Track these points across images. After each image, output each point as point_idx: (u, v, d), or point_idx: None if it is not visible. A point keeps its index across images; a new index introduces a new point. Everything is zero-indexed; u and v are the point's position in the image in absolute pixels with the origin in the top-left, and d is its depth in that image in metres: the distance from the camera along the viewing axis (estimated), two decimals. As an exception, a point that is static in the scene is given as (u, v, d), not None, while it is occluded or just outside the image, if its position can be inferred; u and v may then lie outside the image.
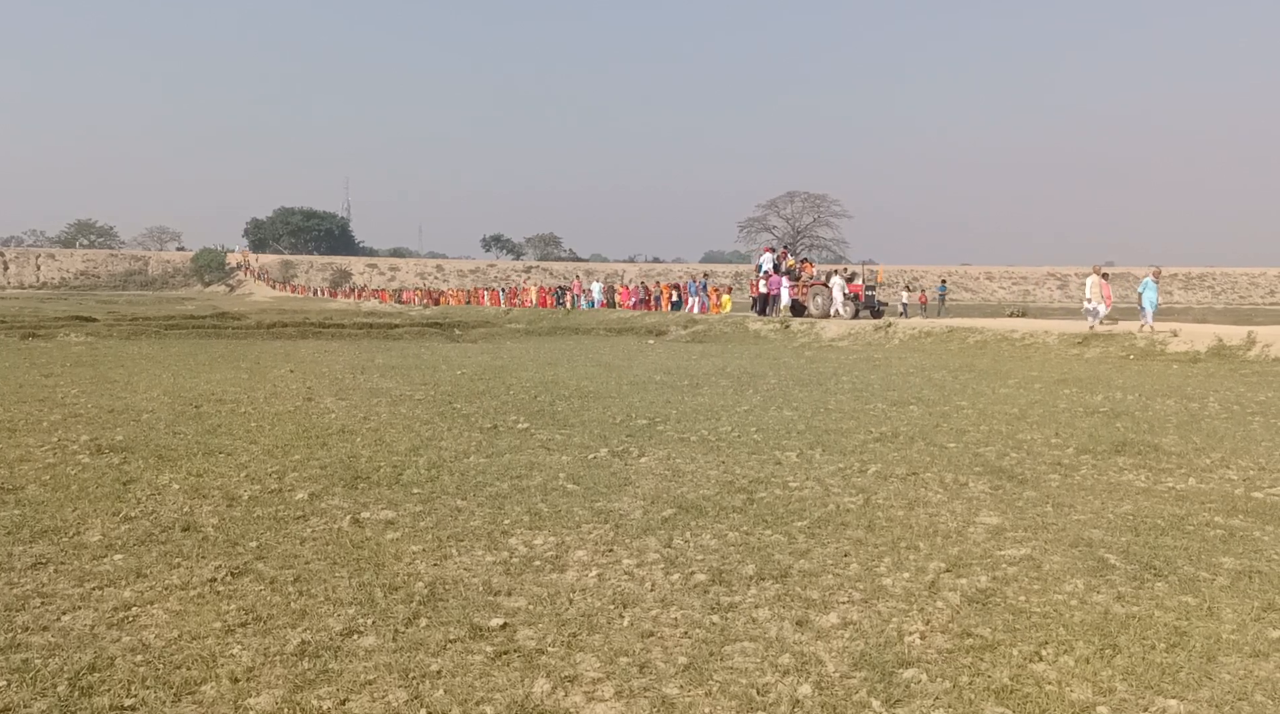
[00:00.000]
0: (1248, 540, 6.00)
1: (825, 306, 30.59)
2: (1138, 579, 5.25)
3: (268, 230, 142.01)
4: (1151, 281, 23.42)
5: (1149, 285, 23.31)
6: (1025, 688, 3.91)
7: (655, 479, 7.69)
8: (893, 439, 9.58)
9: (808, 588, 5.10)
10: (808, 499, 7.03)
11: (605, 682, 3.95)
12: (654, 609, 4.78)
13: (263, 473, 7.77)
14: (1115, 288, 32.64)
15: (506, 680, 3.95)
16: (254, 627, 4.51)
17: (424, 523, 6.31)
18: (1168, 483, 7.66)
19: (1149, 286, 23.29)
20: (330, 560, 5.51)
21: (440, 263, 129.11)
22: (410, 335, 29.27)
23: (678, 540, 5.96)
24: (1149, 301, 23.00)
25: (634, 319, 34.90)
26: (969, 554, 5.70)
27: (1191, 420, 10.92)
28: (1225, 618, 4.68)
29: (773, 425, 10.45)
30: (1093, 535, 6.09)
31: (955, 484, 7.57)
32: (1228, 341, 19.73)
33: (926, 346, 23.32)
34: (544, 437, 9.64)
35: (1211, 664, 4.14)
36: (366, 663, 4.11)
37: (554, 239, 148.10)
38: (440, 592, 4.99)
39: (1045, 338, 22.42)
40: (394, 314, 45.11)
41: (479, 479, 7.60)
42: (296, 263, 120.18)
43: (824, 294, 30.91)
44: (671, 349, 23.99)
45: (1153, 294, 23.22)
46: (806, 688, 3.90)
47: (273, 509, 6.62)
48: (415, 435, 9.63)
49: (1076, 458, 8.66)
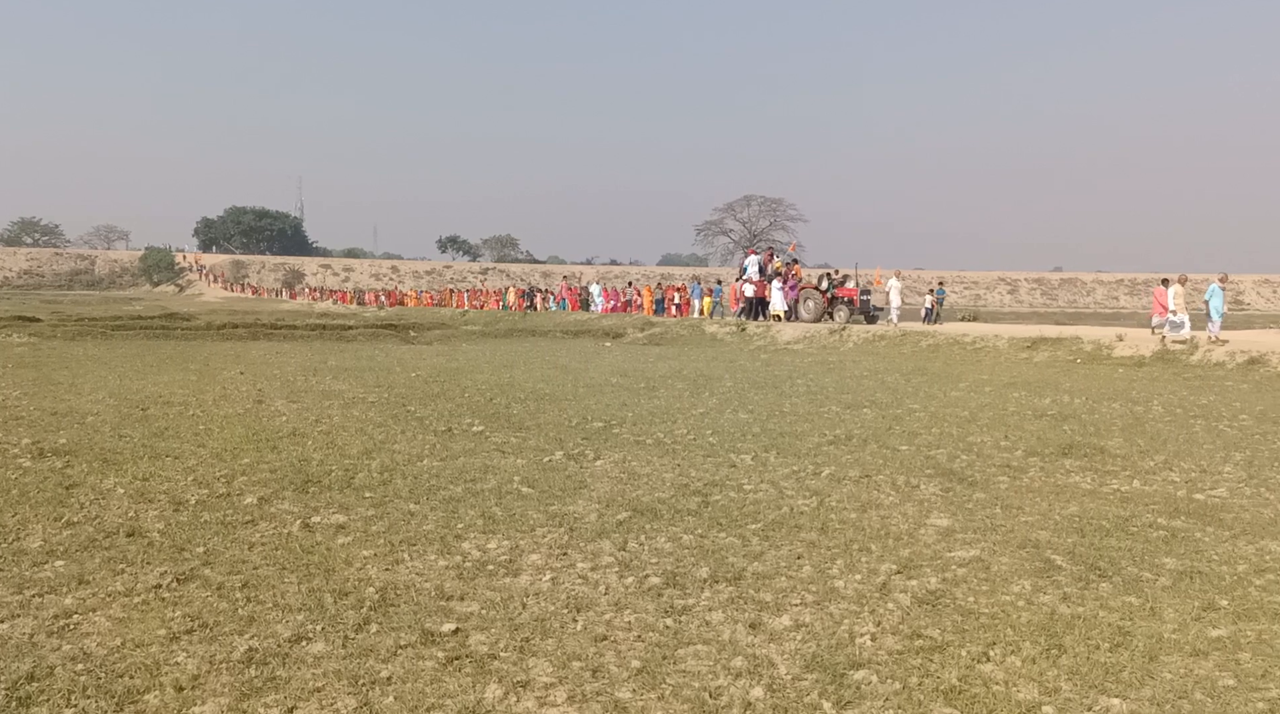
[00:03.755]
0: (1189, 541, 6.15)
1: (817, 311, 29.80)
2: (1083, 580, 5.35)
3: (219, 230, 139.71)
4: (1218, 288, 21.77)
5: (1215, 292, 21.61)
6: (973, 688, 3.96)
7: (610, 482, 7.68)
8: (846, 442, 9.67)
9: (761, 590, 5.13)
10: (762, 502, 7.07)
11: (557, 686, 3.93)
12: (608, 613, 4.77)
13: (211, 477, 7.63)
14: (1064, 293, 32.88)
15: (458, 686, 3.92)
16: (200, 634, 4.43)
17: (376, 527, 6.24)
18: (1113, 485, 7.82)
19: (1215, 293, 21.59)
20: (279, 566, 5.43)
21: (395, 264, 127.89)
22: (364, 337, 28.96)
23: (632, 544, 5.96)
24: (1215, 309, 21.42)
25: (591, 321, 34.85)
26: (920, 556, 5.77)
27: (1136, 423, 11.16)
28: (1167, 618, 4.78)
29: (728, 428, 10.50)
30: (1040, 537, 6.20)
31: (907, 486, 7.66)
32: (1171, 346, 20.20)
33: (880, 350, 23.57)
34: (499, 440, 9.59)
35: (1153, 663, 4.23)
36: (315, 670, 4.05)
37: (511, 241, 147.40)
38: (391, 597, 4.94)
39: (995, 342, 22.78)
40: (348, 316, 44.59)
41: (432, 483, 7.54)
42: (248, 263, 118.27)
43: (815, 298, 30.19)
44: (629, 352, 24.00)
45: (1219, 301, 21.59)
46: (759, 690, 3.91)
47: (221, 514, 6.51)
48: (368, 438, 9.53)
49: (1025, 460, 8.80)
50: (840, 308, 29.86)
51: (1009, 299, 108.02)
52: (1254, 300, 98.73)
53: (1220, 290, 21.63)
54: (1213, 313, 21.35)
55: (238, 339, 26.70)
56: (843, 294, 30.34)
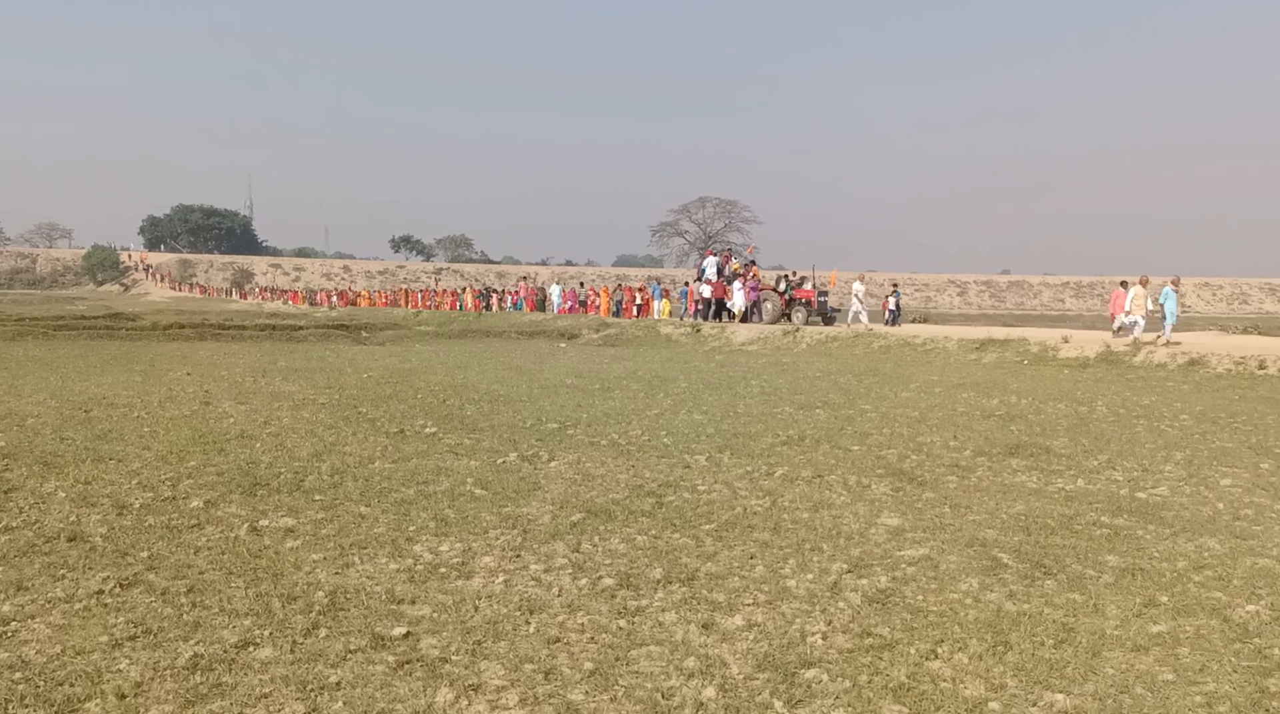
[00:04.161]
0: (1131, 539, 6.29)
1: (775, 313, 29.83)
2: (1029, 578, 5.44)
3: (165, 228, 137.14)
4: (1171, 291, 21.73)
5: (1169, 295, 21.61)
6: (921, 685, 4.01)
7: (565, 483, 7.67)
8: (799, 442, 9.75)
9: (714, 591, 5.15)
10: (716, 502, 7.10)
11: (509, 689, 3.91)
12: (561, 615, 4.76)
13: (156, 480, 7.48)
14: (1012, 295, 33.22)
15: (408, 691, 3.88)
16: (143, 640, 4.34)
17: (325, 530, 6.16)
18: (1058, 484, 7.97)
19: (1169, 296, 21.58)
20: (226, 570, 5.34)
21: (348, 264, 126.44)
22: (315, 337, 28.58)
23: (586, 545, 5.95)
24: (1170, 312, 21.44)
25: (546, 322, 34.75)
26: (870, 555, 5.83)
27: (1081, 424, 11.39)
28: (1109, 614, 4.89)
29: (683, 429, 10.53)
30: (987, 535, 6.30)
31: (858, 486, 7.74)
32: (1115, 348, 20.65)
33: (833, 351, 23.80)
34: (452, 441, 9.52)
35: (1096, 659, 4.32)
36: (262, 675, 3.99)
37: (465, 241, 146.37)
38: (341, 601, 4.88)
39: (945, 343, 23.12)
40: (299, 316, 43.98)
41: (384, 485, 7.46)
42: (196, 262, 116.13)
43: (773, 300, 30.20)
44: (584, 353, 23.96)
45: (1172, 304, 21.59)
46: (711, 690, 3.93)
47: (166, 518, 6.39)
48: (318, 440, 9.40)
49: (973, 460, 8.94)
50: (798, 309, 29.98)
51: (958, 301, 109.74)
52: (1194, 303, 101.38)
53: (1174, 293, 21.82)
54: (1167, 315, 21.55)
55: (185, 339, 26.20)
56: (800, 296, 30.47)
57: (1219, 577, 5.51)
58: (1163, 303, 21.66)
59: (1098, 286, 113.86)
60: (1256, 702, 3.91)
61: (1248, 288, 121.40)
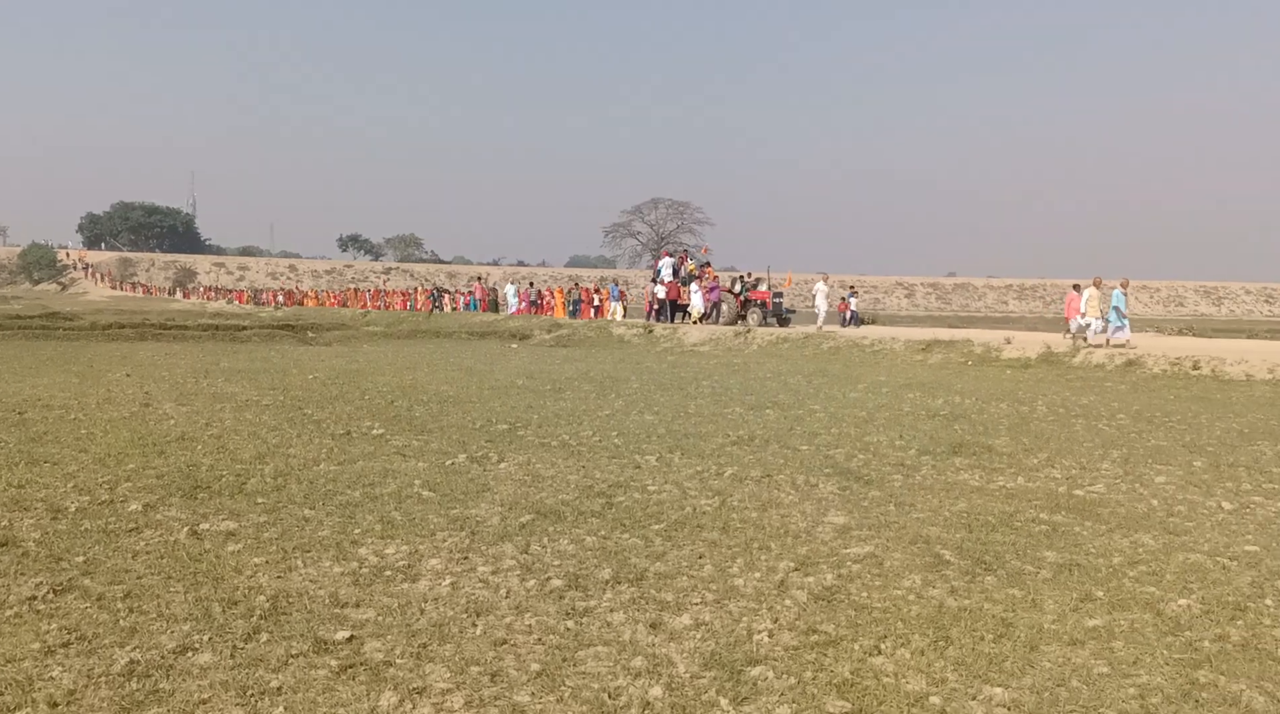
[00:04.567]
0: (1069, 535, 6.43)
1: (731, 314, 29.95)
2: (970, 574, 5.54)
3: (105, 226, 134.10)
4: (1121, 293, 22.07)
5: (1119, 297, 21.95)
6: (865, 681, 4.06)
7: (514, 485, 7.63)
8: (749, 442, 9.81)
9: (662, 590, 5.16)
10: (665, 502, 7.12)
11: (455, 692, 3.88)
12: (508, 616, 4.74)
13: (93, 483, 7.31)
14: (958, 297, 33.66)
15: (351, 695, 3.83)
16: (77, 646, 4.23)
17: (268, 534, 6.06)
18: (999, 482, 8.12)
19: (1119, 298, 21.94)
20: (165, 575, 5.23)
21: (294, 263, 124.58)
22: (260, 338, 28.10)
23: (535, 546, 5.93)
24: (1120, 314, 21.83)
25: (498, 323, 34.55)
26: (817, 553, 5.89)
27: (1022, 423, 11.62)
28: (1047, 609, 4.99)
29: (633, 429, 10.54)
30: (930, 533, 6.40)
31: (806, 485, 7.81)
32: (1055, 349, 21.11)
33: (783, 352, 24.00)
34: (400, 443, 9.43)
35: (1034, 653, 4.41)
36: (201, 681, 3.91)
37: (415, 240, 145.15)
38: (283, 605, 4.80)
39: (892, 345, 23.43)
40: (243, 315, 43.22)
41: (329, 487, 7.37)
42: (137, 261, 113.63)
43: (729, 301, 30.36)
44: (535, 353, 23.87)
45: (1122, 306, 21.95)
46: (657, 690, 3.94)
47: (103, 521, 6.24)
48: (261, 442, 9.25)
49: (918, 459, 9.08)
50: (753, 310, 30.12)
51: (906, 303, 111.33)
52: (1132, 305, 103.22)
53: (1123, 295, 22.11)
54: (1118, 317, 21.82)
55: (124, 340, 25.62)
56: (756, 297, 30.64)
57: (1152, 572, 5.65)
58: (1115, 306, 21.94)
59: (1039, 289, 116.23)
60: (1187, 693, 4.02)
61: (1183, 290, 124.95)
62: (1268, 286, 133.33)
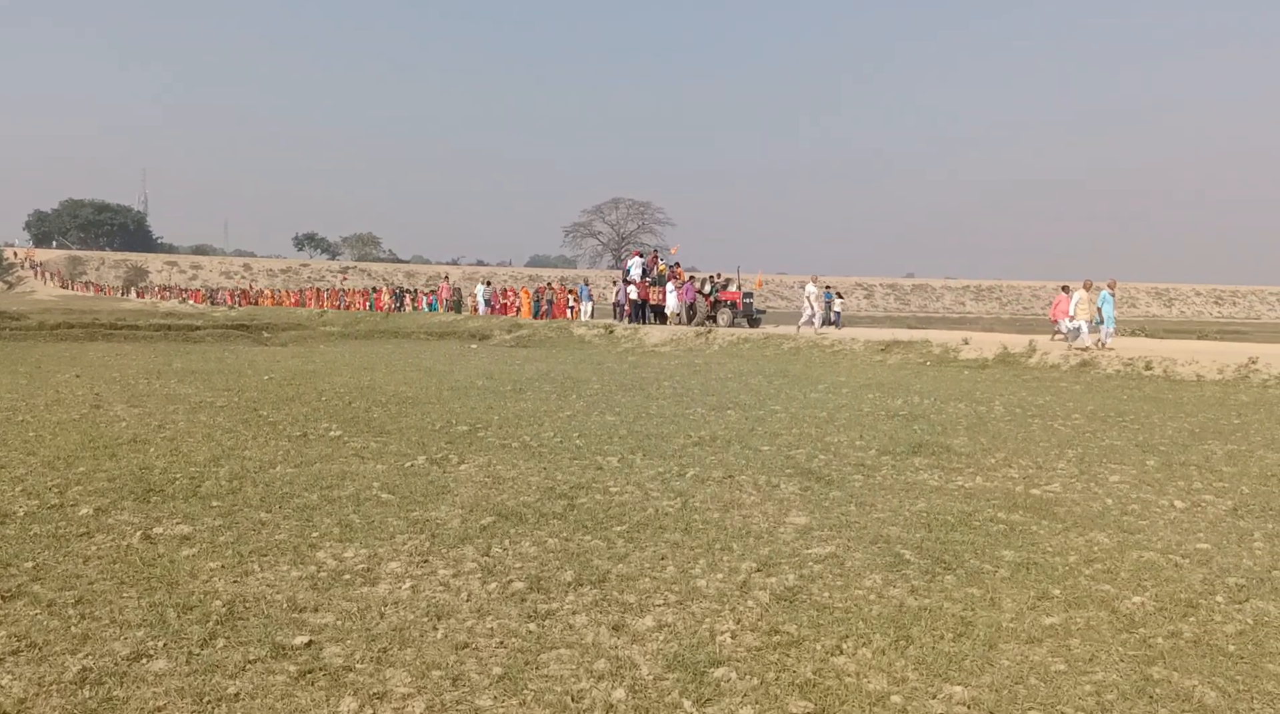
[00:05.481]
0: (1026, 534, 6.52)
1: (701, 315, 29.76)
2: (929, 573, 5.59)
3: (53, 223, 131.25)
4: (1108, 295, 21.91)
5: (1106, 299, 21.83)
6: (827, 681, 4.09)
7: (475, 487, 7.57)
8: (711, 443, 9.83)
9: (625, 592, 5.15)
10: (628, 504, 7.11)
11: (416, 697, 3.84)
12: (469, 620, 4.70)
13: (42, 487, 7.14)
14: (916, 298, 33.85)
15: (310, 701, 3.78)
16: (27, 654, 4.13)
17: (224, 538, 5.96)
18: (958, 481, 8.22)
19: (1106, 300, 21.82)
20: (118, 580, 5.12)
21: (248, 262, 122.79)
22: (214, 338, 27.67)
23: (496, 549, 5.89)
24: (1108, 317, 21.71)
25: (458, 323, 34.31)
26: (779, 554, 5.92)
27: (979, 423, 11.77)
28: (1005, 607, 5.06)
29: (595, 430, 10.51)
30: (891, 532, 6.45)
31: (768, 486, 7.84)
32: (1012, 349, 21.40)
33: (744, 352, 24.09)
34: (358, 444, 9.32)
35: (992, 651, 4.46)
36: (156, 688, 3.83)
37: (373, 239, 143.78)
38: (240, 610, 4.72)
39: (852, 345, 23.63)
40: (196, 315, 42.48)
41: (285, 490, 7.26)
42: (87, 259, 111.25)
43: (699, 301, 30.12)
44: (496, 354, 23.74)
45: (1109, 308, 21.82)
46: (620, 692, 3.93)
47: (53, 526, 6.10)
48: (216, 445, 9.09)
49: (878, 459, 9.15)
50: (723, 311, 30.15)
51: (865, 303, 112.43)
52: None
53: (1110, 297, 22.04)
54: (1105, 320, 21.78)
55: (74, 340, 25.09)
56: (726, 297, 30.69)
57: (1107, 570, 5.75)
58: (1100, 307, 21.89)
59: (996, 290, 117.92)
60: (1141, 689, 4.09)
61: (1135, 292, 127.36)
62: (1217, 288, 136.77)
